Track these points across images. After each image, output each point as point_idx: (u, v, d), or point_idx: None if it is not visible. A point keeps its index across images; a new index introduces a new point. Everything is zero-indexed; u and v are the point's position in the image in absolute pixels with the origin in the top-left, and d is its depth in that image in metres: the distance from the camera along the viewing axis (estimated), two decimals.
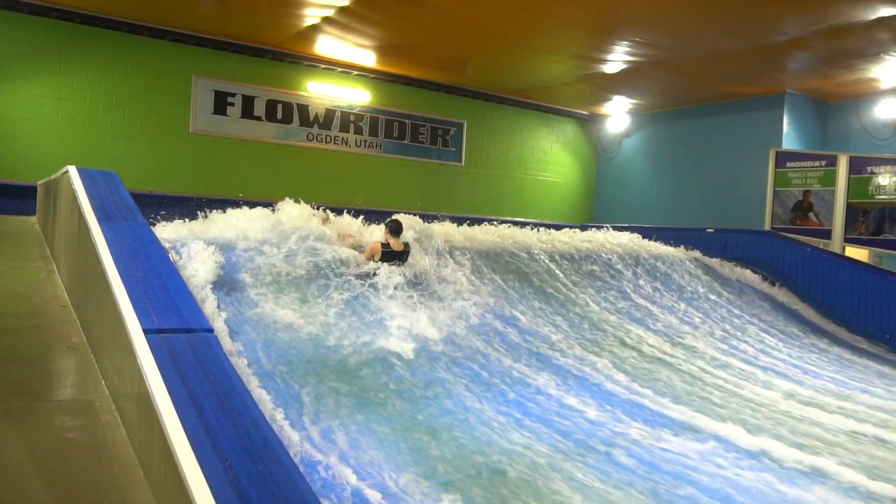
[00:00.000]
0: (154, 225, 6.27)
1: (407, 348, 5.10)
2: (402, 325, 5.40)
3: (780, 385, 5.93)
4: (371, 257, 6.26)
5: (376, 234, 6.78)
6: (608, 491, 3.61)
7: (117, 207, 4.67)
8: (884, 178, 11.05)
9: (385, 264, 6.13)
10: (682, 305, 8.08)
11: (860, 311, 9.22)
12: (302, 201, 6.73)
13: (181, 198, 9.64)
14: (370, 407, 4.20)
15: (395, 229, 6.43)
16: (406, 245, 6.51)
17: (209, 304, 4.64)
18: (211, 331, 3.10)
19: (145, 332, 2.94)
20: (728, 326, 7.81)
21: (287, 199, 6.75)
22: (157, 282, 3.48)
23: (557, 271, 7.70)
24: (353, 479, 3.36)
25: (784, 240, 10.61)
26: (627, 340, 6.47)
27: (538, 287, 7.19)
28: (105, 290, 3.50)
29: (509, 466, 3.76)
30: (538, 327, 6.24)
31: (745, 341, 7.30)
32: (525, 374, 5.16)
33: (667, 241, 10.69)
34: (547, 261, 7.88)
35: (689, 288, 8.72)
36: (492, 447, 3.94)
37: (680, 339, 6.81)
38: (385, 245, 6.34)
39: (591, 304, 7.18)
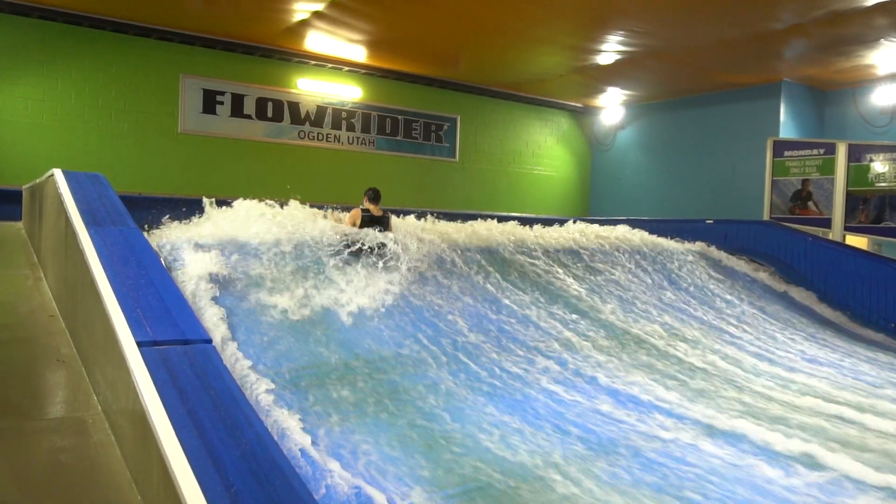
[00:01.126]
0: (145, 229, 6.07)
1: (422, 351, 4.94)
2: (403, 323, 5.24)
3: (795, 380, 5.80)
4: (353, 224, 6.50)
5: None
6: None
7: (106, 211, 4.47)
8: (882, 166, 10.95)
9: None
10: (684, 298, 7.94)
11: (865, 301, 9.12)
12: (307, 204, 6.54)
13: (172, 199, 9.40)
14: (381, 412, 4.02)
15: (374, 197, 6.75)
16: (385, 211, 6.77)
17: (206, 311, 4.45)
18: (209, 341, 2.92)
19: (139, 344, 2.75)
20: (734, 320, 7.67)
21: (292, 200, 6.53)
22: (150, 290, 3.29)
23: (558, 268, 7.55)
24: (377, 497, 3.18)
25: (785, 230, 10.49)
26: (633, 335, 6.32)
27: (547, 289, 7.03)
28: (95, 300, 3.31)
29: (516, 476, 3.60)
30: (551, 329, 6.08)
31: (754, 335, 7.17)
32: (529, 372, 5.00)
33: (665, 234, 10.55)
34: (547, 258, 7.73)
35: (690, 280, 8.58)
36: (498, 453, 3.78)
37: (687, 334, 6.66)
38: (365, 211, 6.64)
39: (595, 300, 7.03)
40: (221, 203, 6.41)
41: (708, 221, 11.42)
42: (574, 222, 9.37)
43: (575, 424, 4.26)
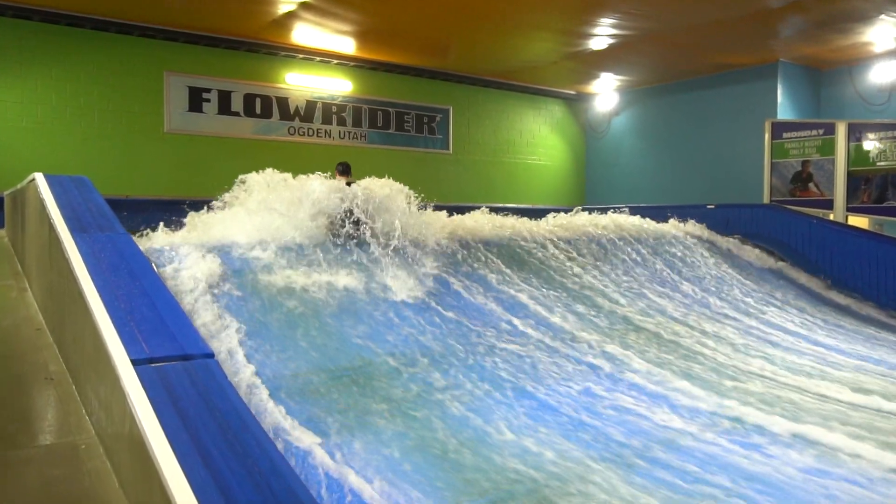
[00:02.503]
0: (135, 234, 5.80)
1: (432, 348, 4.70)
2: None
3: (814, 368, 5.62)
4: None
5: None
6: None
7: (92, 216, 4.19)
8: (883, 144, 10.79)
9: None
10: (691, 286, 7.74)
11: (872, 282, 8.95)
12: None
13: (161, 201, 9.11)
14: (400, 417, 3.78)
15: (345, 170, 7.35)
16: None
17: (205, 320, 4.18)
18: (211, 355, 2.67)
19: (134, 362, 2.50)
20: (741, 305, 7.49)
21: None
22: (144, 300, 3.03)
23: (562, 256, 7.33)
24: None
25: (788, 212, 10.30)
26: (637, 323, 6.11)
27: (553, 279, 6.81)
28: (83, 313, 3.05)
29: (550, 480, 3.38)
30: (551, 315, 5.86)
31: (764, 321, 6.99)
32: (542, 365, 4.78)
33: (665, 220, 10.34)
34: (551, 247, 7.50)
35: (695, 267, 8.39)
36: (516, 451, 3.56)
37: (702, 324, 6.46)
38: None
39: (599, 286, 6.81)
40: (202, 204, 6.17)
41: (709, 206, 11.22)
42: (574, 212, 9.16)
43: (612, 423, 4.05)
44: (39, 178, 4.84)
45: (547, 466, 3.52)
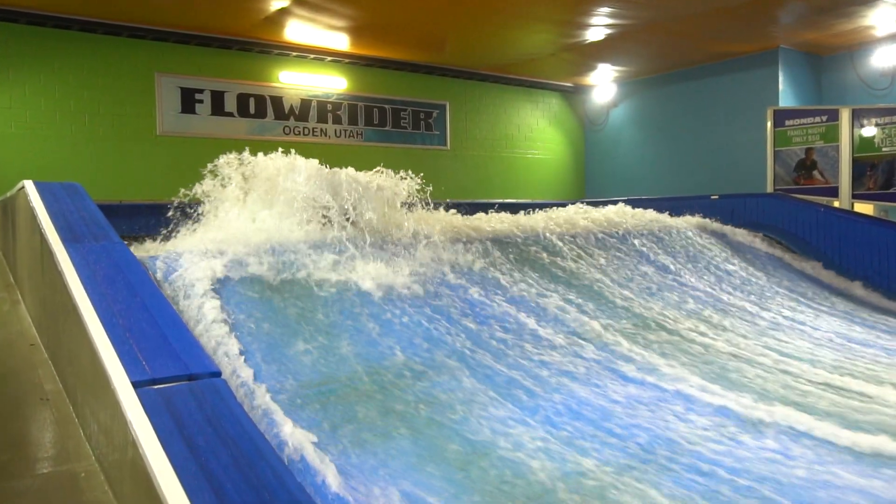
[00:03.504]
0: (131, 242, 5.59)
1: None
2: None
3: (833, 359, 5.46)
4: None
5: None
6: None
7: (86, 225, 3.99)
8: (888, 129, 10.63)
9: None
10: (705, 281, 7.58)
11: (883, 270, 8.80)
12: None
13: (157, 205, 8.88)
14: (417, 432, 3.59)
15: None
16: None
17: (205, 331, 3.97)
18: (218, 374, 2.48)
19: (135, 385, 2.31)
20: (756, 298, 7.32)
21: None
22: (143, 315, 2.84)
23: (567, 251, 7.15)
24: None
25: (795, 201, 10.13)
26: (655, 321, 5.94)
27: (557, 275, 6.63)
28: (79, 330, 2.86)
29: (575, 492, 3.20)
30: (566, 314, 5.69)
31: (784, 314, 6.83)
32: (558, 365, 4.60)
33: (669, 212, 10.18)
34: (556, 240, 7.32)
35: (707, 261, 8.22)
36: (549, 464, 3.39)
37: (722, 321, 6.29)
38: None
39: (608, 281, 6.64)
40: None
41: (713, 197, 11.05)
42: (576, 205, 8.99)
43: (639, 429, 3.87)
44: (29, 185, 4.63)
45: (574, 477, 3.34)
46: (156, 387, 2.33)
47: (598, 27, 11.16)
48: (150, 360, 2.46)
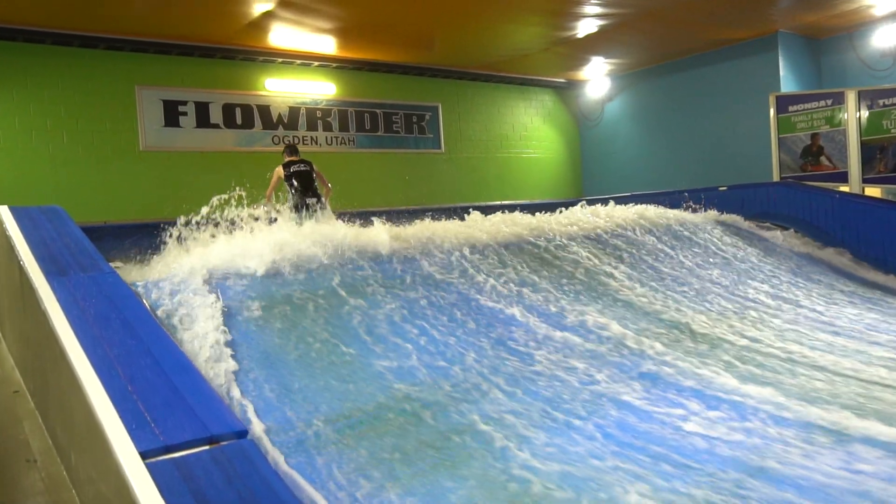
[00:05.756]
0: (120, 266, 5.12)
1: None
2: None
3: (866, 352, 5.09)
4: (279, 178, 7.38)
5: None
6: None
7: (70, 253, 3.52)
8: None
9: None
10: (730, 277, 7.21)
11: None
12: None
13: (147, 225, 8.37)
14: (452, 464, 3.16)
15: (293, 150, 7.73)
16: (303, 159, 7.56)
17: (208, 367, 3.51)
18: (244, 433, 2.03)
19: (143, 455, 1.86)
20: (783, 293, 6.96)
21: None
22: (146, 361, 2.38)
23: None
24: None
25: (807, 189, 9.82)
26: (689, 326, 5.55)
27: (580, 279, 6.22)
28: (70, 382, 2.40)
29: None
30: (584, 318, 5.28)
31: (818, 309, 6.46)
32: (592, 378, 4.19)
33: (678, 206, 9.85)
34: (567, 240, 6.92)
35: (721, 254, 7.86)
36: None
37: (759, 322, 5.91)
38: (286, 165, 7.42)
39: (629, 283, 6.24)
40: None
41: (721, 188, 10.72)
42: (581, 205, 8.61)
43: (700, 454, 3.45)
44: (4, 211, 4.15)
45: None
46: (170, 456, 1.88)
47: (591, 18, 10.78)
48: (159, 421, 2.01)
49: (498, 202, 11.84)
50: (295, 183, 7.35)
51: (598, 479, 3.12)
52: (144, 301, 3.84)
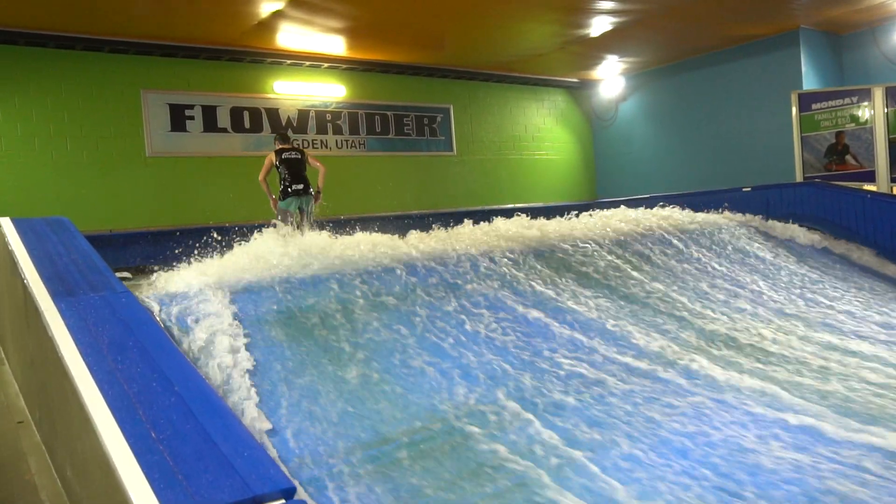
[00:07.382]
0: (129, 279, 4.82)
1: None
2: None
3: None
4: (271, 164, 7.28)
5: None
6: None
7: (79, 271, 3.21)
8: None
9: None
10: (769, 286, 6.88)
11: None
12: None
13: (155, 233, 8.07)
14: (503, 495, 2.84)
15: (284, 138, 7.71)
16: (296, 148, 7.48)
17: (236, 399, 3.17)
18: (292, 492, 1.71)
19: None
20: (823, 299, 6.63)
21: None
22: (170, 400, 2.06)
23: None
24: None
25: (836, 189, 9.46)
26: (735, 338, 5.22)
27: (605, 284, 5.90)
28: (82, 425, 2.08)
29: None
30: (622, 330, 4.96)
31: (869, 319, 6.13)
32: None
33: (699, 208, 9.51)
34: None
35: (766, 263, 7.52)
36: None
37: (809, 334, 5.58)
38: (278, 152, 7.34)
39: (670, 294, 5.92)
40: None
41: (745, 189, 10.37)
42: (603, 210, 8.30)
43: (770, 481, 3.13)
44: (6, 224, 3.84)
45: None
46: None
47: (606, 14, 10.45)
48: (192, 478, 1.69)
49: (511, 205, 11.55)
50: (284, 170, 7.25)
51: None
52: (159, 319, 3.53)
